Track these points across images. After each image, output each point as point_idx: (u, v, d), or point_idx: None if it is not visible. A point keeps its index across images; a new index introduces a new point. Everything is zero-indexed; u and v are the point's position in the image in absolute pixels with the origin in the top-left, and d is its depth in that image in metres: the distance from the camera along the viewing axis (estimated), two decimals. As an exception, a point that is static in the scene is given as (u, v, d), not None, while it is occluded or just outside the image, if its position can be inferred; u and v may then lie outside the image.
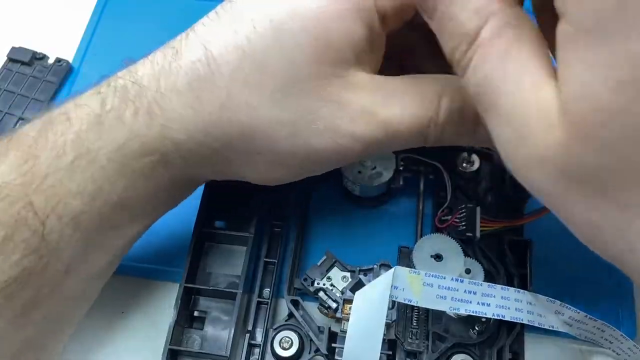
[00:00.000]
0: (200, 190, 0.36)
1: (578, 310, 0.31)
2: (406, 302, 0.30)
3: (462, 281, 0.31)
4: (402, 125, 0.26)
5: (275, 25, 0.25)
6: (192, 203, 0.36)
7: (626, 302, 0.36)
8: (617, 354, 0.33)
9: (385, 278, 0.30)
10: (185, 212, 0.37)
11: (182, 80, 0.26)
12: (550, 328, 0.31)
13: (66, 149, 0.26)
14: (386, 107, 0.26)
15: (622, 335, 0.32)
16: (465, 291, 0.31)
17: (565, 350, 0.35)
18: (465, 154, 0.38)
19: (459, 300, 0.31)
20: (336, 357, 0.32)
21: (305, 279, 0.34)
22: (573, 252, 0.36)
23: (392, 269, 0.30)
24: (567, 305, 0.31)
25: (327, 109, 0.26)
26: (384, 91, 0.27)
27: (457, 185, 0.37)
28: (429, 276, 0.31)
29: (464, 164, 0.37)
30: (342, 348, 0.30)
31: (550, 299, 0.31)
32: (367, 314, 0.30)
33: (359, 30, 0.26)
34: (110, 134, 0.27)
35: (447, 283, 0.31)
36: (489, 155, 0.38)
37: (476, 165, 0.37)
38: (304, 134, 0.26)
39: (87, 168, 0.26)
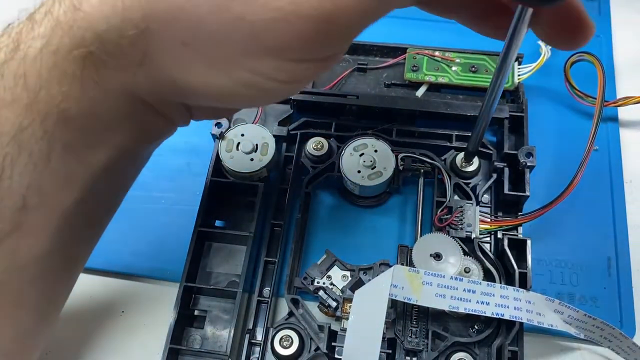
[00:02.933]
0: (200, 189, 0.37)
1: (577, 309, 0.31)
2: (406, 300, 0.30)
3: (461, 280, 0.31)
4: None
5: None
6: (192, 202, 0.36)
7: (626, 301, 0.36)
8: (616, 352, 0.33)
9: (385, 277, 0.30)
10: (185, 212, 0.38)
11: None
12: (550, 327, 0.31)
13: None
14: None
15: (621, 333, 0.32)
16: (464, 290, 0.31)
17: (565, 350, 0.35)
18: (464, 154, 0.38)
19: (458, 299, 0.31)
20: (336, 355, 0.32)
21: (305, 278, 0.34)
22: (571, 251, 0.37)
23: (391, 268, 0.31)
24: (565, 303, 0.32)
25: None
26: None
27: (456, 184, 0.37)
28: (428, 275, 0.31)
29: (463, 164, 0.37)
30: (342, 347, 0.30)
31: (549, 297, 0.32)
32: (366, 313, 0.30)
33: None
34: (40, 28, 0.23)
35: (446, 282, 0.31)
36: (488, 155, 0.38)
37: (475, 164, 0.37)
38: (232, 10, 0.21)
39: (18, 68, 0.23)
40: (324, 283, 0.34)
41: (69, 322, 0.37)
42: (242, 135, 0.37)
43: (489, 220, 0.36)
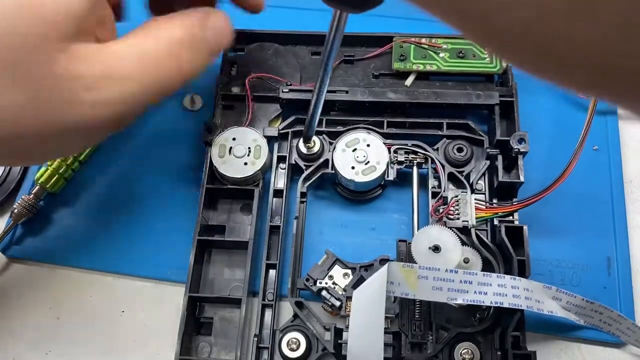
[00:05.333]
0: (198, 191, 0.36)
1: (575, 295, 0.32)
2: (404, 296, 0.31)
3: (456, 272, 0.31)
4: (144, 72, 0.27)
5: None
6: (192, 201, 0.36)
7: (626, 301, 0.36)
8: (617, 335, 0.34)
9: (380, 275, 0.31)
10: (185, 212, 0.38)
11: None
12: (550, 313, 0.32)
13: None
14: (121, 64, 0.26)
15: (619, 315, 0.33)
16: (460, 281, 0.31)
17: (565, 349, 0.36)
18: (456, 142, 0.38)
19: (455, 291, 0.31)
20: (343, 353, 0.33)
21: (307, 279, 0.35)
22: (571, 251, 0.37)
23: (386, 265, 0.31)
24: (563, 290, 0.32)
25: (61, 84, 0.25)
26: (113, 52, 0.27)
27: (450, 173, 0.37)
28: (423, 269, 0.31)
29: (455, 152, 0.38)
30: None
31: (546, 285, 0.32)
32: (366, 312, 0.31)
33: (77, 3, 0.25)
34: None
35: (441, 274, 0.31)
36: (480, 142, 0.38)
37: (467, 152, 0.38)
38: (44, 112, 0.25)
39: None
40: (326, 283, 0.35)
41: (69, 322, 0.38)
42: (234, 139, 0.37)
43: (484, 207, 0.37)
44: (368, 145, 0.38)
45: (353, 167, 0.37)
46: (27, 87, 0.25)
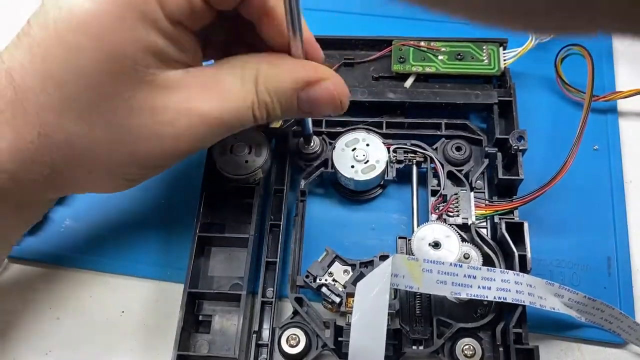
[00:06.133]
0: (198, 192, 0.37)
1: (577, 292, 0.32)
2: (408, 289, 0.31)
3: (461, 266, 0.31)
4: (224, 113, 0.27)
5: (64, 44, 0.25)
6: (192, 201, 0.36)
7: (626, 301, 0.36)
8: (617, 333, 0.34)
9: (385, 266, 0.31)
10: (184, 211, 0.38)
11: None
12: (552, 310, 0.32)
13: None
14: (204, 100, 0.27)
15: (621, 313, 0.32)
16: (465, 276, 0.31)
17: (565, 349, 0.36)
18: (455, 142, 0.38)
19: (459, 285, 0.31)
20: (343, 350, 0.33)
21: (307, 276, 0.35)
22: (571, 251, 0.37)
23: (391, 257, 0.31)
24: (565, 287, 0.32)
25: (141, 117, 0.26)
26: (199, 84, 0.27)
27: (449, 172, 0.37)
28: (427, 262, 0.31)
29: (454, 151, 0.38)
30: (349, 341, 0.30)
31: (549, 281, 0.32)
32: (370, 304, 0.30)
33: (147, 35, 0.25)
34: None
35: (446, 268, 0.31)
36: (478, 141, 0.38)
37: (466, 151, 0.38)
38: (125, 146, 0.27)
39: None
40: (326, 280, 0.35)
41: (69, 322, 0.37)
42: (235, 137, 0.37)
43: (484, 205, 0.37)
44: (367, 145, 0.38)
45: (353, 166, 0.37)
46: (107, 121, 0.26)
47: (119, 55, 0.25)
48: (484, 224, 0.37)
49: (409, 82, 0.40)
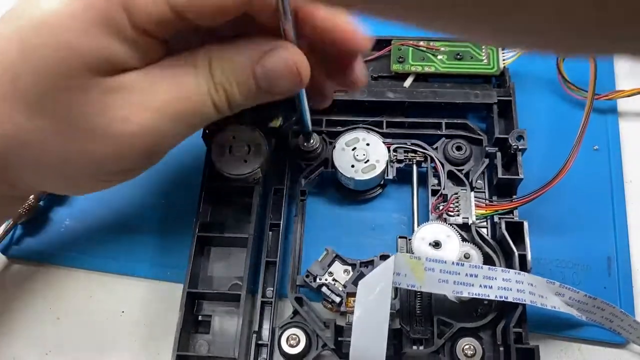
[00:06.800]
0: (198, 191, 0.37)
1: (577, 290, 0.32)
2: (409, 287, 0.31)
3: (462, 265, 0.31)
4: (179, 104, 0.26)
5: (24, 40, 0.25)
6: (192, 200, 0.36)
7: (626, 301, 0.36)
8: (618, 332, 0.34)
9: (387, 265, 0.31)
10: (184, 211, 0.38)
11: None
12: (553, 309, 0.31)
13: None
14: (157, 94, 0.26)
15: (622, 312, 0.32)
16: (466, 274, 0.31)
17: (565, 349, 0.36)
18: (455, 141, 0.38)
19: (461, 284, 0.31)
20: (344, 350, 0.33)
21: (307, 276, 0.35)
22: (571, 251, 0.37)
23: (393, 256, 0.31)
24: (566, 285, 0.32)
25: (94, 118, 0.25)
26: (155, 81, 0.26)
27: (450, 172, 0.37)
28: (430, 261, 0.31)
29: (455, 150, 0.38)
30: (349, 341, 0.30)
31: (550, 280, 0.32)
32: (371, 303, 0.30)
33: (107, 42, 0.25)
34: None
35: (448, 267, 0.31)
36: (478, 140, 0.38)
37: (467, 151, 0.38)
38: (79, 145, 0.26)
39: None
40: (326, 279, 0.35)
41: (69, 322, 0.37)
42: (234, 137, 0.37)
43: (484, 205, 0.37)
44: (368, 144, 0.38)
45: (353, 166, 0.37)
46: (58, 116, 0.25)
47: (74, 58, 0.25)
48: (484, 223, 0.37)
49: (408, 82, 0.40)
